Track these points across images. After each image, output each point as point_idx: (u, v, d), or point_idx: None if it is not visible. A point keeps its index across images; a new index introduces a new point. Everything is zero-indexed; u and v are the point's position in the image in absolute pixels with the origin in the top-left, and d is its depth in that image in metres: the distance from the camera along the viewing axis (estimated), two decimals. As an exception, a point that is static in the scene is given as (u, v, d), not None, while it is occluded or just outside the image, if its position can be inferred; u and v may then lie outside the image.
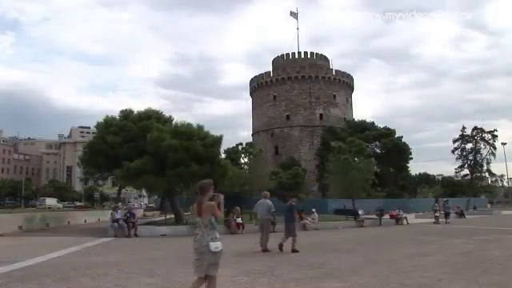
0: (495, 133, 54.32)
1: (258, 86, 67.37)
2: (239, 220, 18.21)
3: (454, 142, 56.17)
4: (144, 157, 18.64)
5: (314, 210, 22.98)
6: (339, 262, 8.67)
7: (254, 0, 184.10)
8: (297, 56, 67.46)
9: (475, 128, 55.06)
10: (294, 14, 70.25)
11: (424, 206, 41.96)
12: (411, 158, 56.47)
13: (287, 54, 68.21)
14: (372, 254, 10.25)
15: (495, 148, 54.18)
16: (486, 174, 58.19)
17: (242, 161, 39.74)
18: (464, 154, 55.61)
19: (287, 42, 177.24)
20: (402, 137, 56.75)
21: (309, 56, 67.55)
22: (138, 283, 6.48)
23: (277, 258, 9.74)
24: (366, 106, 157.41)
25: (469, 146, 55.60)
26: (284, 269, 7.86)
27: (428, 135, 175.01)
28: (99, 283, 6.45)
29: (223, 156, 30.76)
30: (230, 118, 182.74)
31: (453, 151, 56.26)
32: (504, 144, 53.62)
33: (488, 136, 54.61)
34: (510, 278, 6.84)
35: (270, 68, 69.33)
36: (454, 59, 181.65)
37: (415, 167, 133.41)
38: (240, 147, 42.79)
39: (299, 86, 63.44)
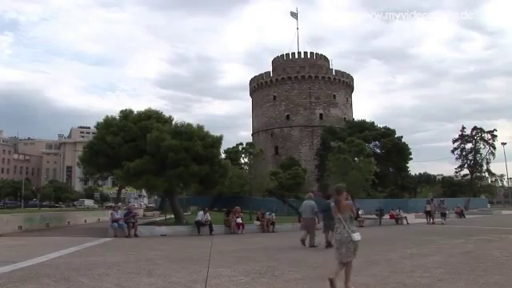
0: (495, 133, 54.41)
1: (258, 86, 67.39)
2: (239, 220, 18.22)
3: (454, 141, 56.22)
4: (144, 157, 18.63)
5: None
6: (339, 262, 8.65)
7: (253, 0, 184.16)
8: (297, 56, 67.50)
9: (475, 128, 55.10)
10: (294, 15, 70.39)
11: (424, 206, 41.89)
12: (411, 158, 56.63)
13: (287, 54, 68.22)
14: (372, 254, 10.23)
15: (495, 148, 54.28)
16: (486, 173, 58.27)
17: (242, 161, 39.76)
18: (464, 153, 55.62)
19: (287, 42, 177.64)
20: (401, 137, 56.86)
21: (309, 56, 67.60)
22: (137, 283, 6.47)
23: (277, 258, 9.74)
24: (365, 106, 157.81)
25: (468, 145, 55.67)
26: (284, 269, 7.86)
27: (428, 135, 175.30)
28: (99, 283, 6.44)
29: (223, 156, 30.78)
30: (230, 118, 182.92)
31: (452, 151, 56.32)
32: (504, 144, 53.69)
33: (487, 136, 54.65)
34: (510, 278, 6.83)
35: (269, 68, 69.39)
36: (452, 59, 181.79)
37: (415, 167, 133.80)
38: (240, 147, 42.77)
39: (299, 86, 63.46)
